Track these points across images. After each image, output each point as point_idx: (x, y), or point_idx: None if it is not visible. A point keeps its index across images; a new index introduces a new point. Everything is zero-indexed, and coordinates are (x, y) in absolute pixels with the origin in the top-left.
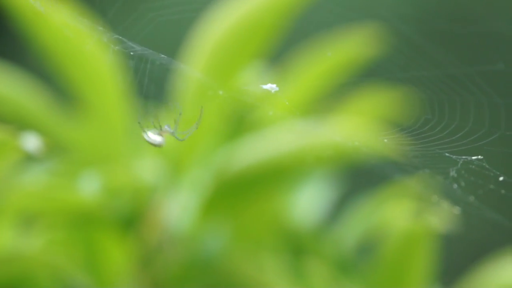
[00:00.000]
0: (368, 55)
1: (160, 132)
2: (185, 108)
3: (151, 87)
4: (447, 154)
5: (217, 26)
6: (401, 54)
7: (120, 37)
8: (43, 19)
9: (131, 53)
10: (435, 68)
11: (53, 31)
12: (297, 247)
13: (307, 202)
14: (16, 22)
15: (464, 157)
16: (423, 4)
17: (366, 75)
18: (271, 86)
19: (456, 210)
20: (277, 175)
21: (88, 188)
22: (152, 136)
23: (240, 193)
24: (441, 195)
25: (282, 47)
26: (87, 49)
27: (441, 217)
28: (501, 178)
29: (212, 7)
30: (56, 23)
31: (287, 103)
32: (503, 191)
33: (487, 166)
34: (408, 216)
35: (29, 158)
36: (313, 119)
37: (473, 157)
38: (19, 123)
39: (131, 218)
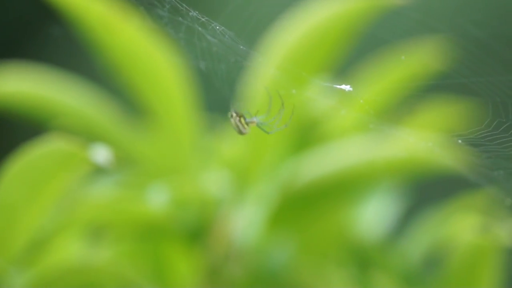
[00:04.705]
0: (441, 63)
1: (248, 121)
2: (256, 109)
3: (224, 87)
4: None
5: (288, 34)
6: (476, 59)
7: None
8: (111, 31)
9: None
10: (509, 73)
11: (121, 43)
12: (363, 260)
13: (373, 214)
14: (84, 34)
15: None
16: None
17: (440, 80)
18: (345, 86)
19: None
20: (344, 188)
21: (156, 200)
22: (240, 123)
23: (306, 206)
24: (510, 207)
25: (354, 54)
26: (155, 61)
27: (509, 231)
28: None
29: (284, 14)
30: (125, 35)
31: (361, 101)
32: None
33: None
34: (475, 230)
35: (98, 170)
36: (383, 129)
37: None
38: (88, 135)
39: (198, 231)
